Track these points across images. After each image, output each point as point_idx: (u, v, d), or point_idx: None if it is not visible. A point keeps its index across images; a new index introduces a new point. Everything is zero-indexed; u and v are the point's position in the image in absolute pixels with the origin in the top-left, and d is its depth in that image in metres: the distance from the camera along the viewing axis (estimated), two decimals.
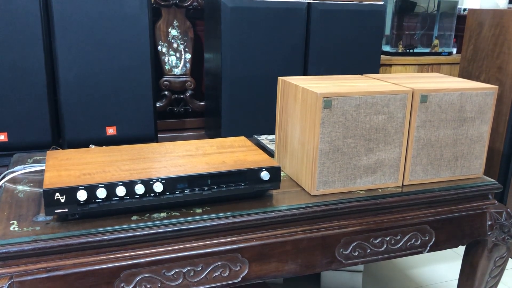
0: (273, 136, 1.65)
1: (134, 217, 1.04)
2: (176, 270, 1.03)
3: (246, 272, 1.10)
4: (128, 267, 0.99)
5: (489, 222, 1.34)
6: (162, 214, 1.06)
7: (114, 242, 0.98)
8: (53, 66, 1.67)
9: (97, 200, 1.00)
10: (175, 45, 2.14)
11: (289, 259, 1.13)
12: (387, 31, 2.54)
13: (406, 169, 1.28)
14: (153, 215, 1.05)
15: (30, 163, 1.34)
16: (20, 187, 1.19)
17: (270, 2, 1.88)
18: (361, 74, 1.47)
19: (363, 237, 1.20)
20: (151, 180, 1.03)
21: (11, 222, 1.00)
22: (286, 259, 1.13)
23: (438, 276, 1.88)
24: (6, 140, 1.65)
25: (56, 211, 0.97)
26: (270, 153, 1.48)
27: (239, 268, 1.09)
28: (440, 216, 1.28)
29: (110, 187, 1.00)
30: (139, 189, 1.02)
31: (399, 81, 1.34)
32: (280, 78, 1.33)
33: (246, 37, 1.88)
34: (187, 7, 2.13)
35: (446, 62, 2.55)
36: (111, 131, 1.75)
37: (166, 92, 2.17)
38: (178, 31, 2.14)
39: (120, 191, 1.01)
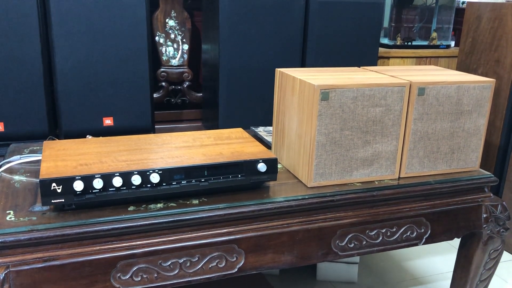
0: (270, 128, 1.65)
1: (131, 208, 1.04)
2: (173, 261, 1.04)
3: (242, 263, 1.10)
4: (124, 258, 1.00)
5: (485, 215, 1.34)
6: (159, 205, 1.06)
7: (110, 232, 0.98)
8: (49, 56, 1.66)
9: (93, 191, 1.00)
10: (172, 36, 2.13)
11: (285, 251, 1.13)
12: (386, 23, 2.54)
13: (403, 162, 1.28)
14: (149, 206, 1.05)
15: (27, 153, 1.34)
16: (16, 177, 1.18)
17: None
18: (359, 67, 1.47)
19: (359, 229, 1.21)
20: (148, 171, 1.03)
21: (8, 212, 1.00)
22: (282, 251, 1.13)
23: (433, 268, 1.89)
24: (3, 130, 1.65)
25: (52, 201, 0.97)
26: (267, 145, 1.48)
27: (235, 259, 1.09)
28: (436, 209, 1.29)
29: (107, 178, 1.00)
30: (136, 179, 1.02)
31: (396, 73, 1.34)
32: (278, 70, 1.33)
33: (244, 28, 1.87)
34: None
35: (444, 55, 2.55)
36: (108, 121, 1.75)
37: (163, 83, 2.16)
38: (176, 21, 2.13)
39: (117, 181, 1.01)
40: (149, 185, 1.04)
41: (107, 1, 1.66)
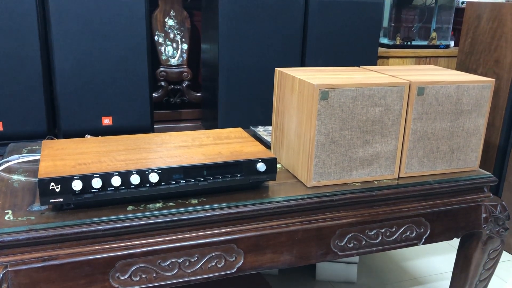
0: (269, 128, 1.65)
1: (130, 208, 1.04)
2: (172, 261, 1.03)
3: (241, 263, 1.10)
4: (123, 257, 0.99)
5: (484, 215, 1.34)
6: (158, 205, 1.06)
7: (109, 232, 0.98)
8: (48, 56, 1.66)
9: (92, 190, 1.00)
10: (172, 35, 2.13)
11: (284, 250, 1.13)
12: (385, 23, 2.54)
13: (402, 162, 1.28)
14: (148, 205, 1.05)
15: (25, 153, 1.34)
16: (15, 177, 1.18)
17: None
18: (358, 66, 1.47)
19: (358, 229, 1.21)
20: (147, 170, 1.03)
21: (6, 211, 1.00)
22: (282, 250, 1.13)
23: (433, 268, 1.89)
24: (1, 129, 1.64)
25: (51, 200, 0.97)
26: (267, 145, 1.48)
27: (234, 258, 1.09)
28: (436, 209, 1.29)
29: (106, 177, 1.00)
30: (135, 179, 1.02)
31: (396, 73, 1.34)
32: (277, 70, 1.33)
33: (244, 28, 1.87)
34: None
35: (444, 55, 2.55)
36: (107, 121, 1.75)
37: (162, 83, 2.16)
38: (175, 21, 2.12)
39: (116, 181, 1.00)
40: (148, 185, 1.04)
41: (106, 1, 1.65)
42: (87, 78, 1.69)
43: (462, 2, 2.83)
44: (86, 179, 0.99)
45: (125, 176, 1.01)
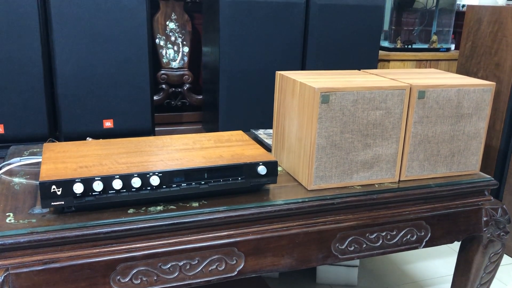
0: (270, 131, 1.65)
1: (131, 210, 1.04)
2: (172, 264, 1.03)
3: (242, 266, 1.10)
4: (124, 260, 0.99)
5: (485, 218, 1.34)
6: (159, 208, 1.06)
7: (110, 235, 0.98)
8: (50, 58, 1.67)
9: (93, 193, 1.00)
10: (173, 38, 2.13)
11: (285, 254, 1.13)
12: (386, 26, 2.54)
13: (403, 165, 1.28)
14: (149, 208, 1.05)
15: (27, 155, 1.34)
16: (16, 179, 1.18)
17: None
18: (359, 70, 1.47)
19: (359, 232, 1.21)
20: (148, 173, 1.03)
21: (7, 214, 1.00)
22: (282, 254, 1.13)
23: (434, 271, 1.89)
24: (3, 132, 1.65)
25: (52, 203, 0.97)
26: (267, 148, 1.48)
27: (235, 262, 1.09)
28: (436, 212, 1.29)
29: (107, 180, 1.00)
30: (136, 182, 1.02)
31: (397, 76, 1.34)
32: (278, 73, 1.33)
33: (245, 31, 1.88)
34: (185, 0, 2.13)
35: (444, 58, 2.55)
36: (108, 124, 1.75)
37: (163, 86, 2.16)
38: (176, 24, 2.13)
39: (117, 184, 1.00)
40: (149, 188, 1.04)
41: (108, 4, 1.66)
42: (88, 80, 1.69)
43: (463, 6, 2.83)
44: (87, 182, 0.99)
45: (126, 179, 1.02)
